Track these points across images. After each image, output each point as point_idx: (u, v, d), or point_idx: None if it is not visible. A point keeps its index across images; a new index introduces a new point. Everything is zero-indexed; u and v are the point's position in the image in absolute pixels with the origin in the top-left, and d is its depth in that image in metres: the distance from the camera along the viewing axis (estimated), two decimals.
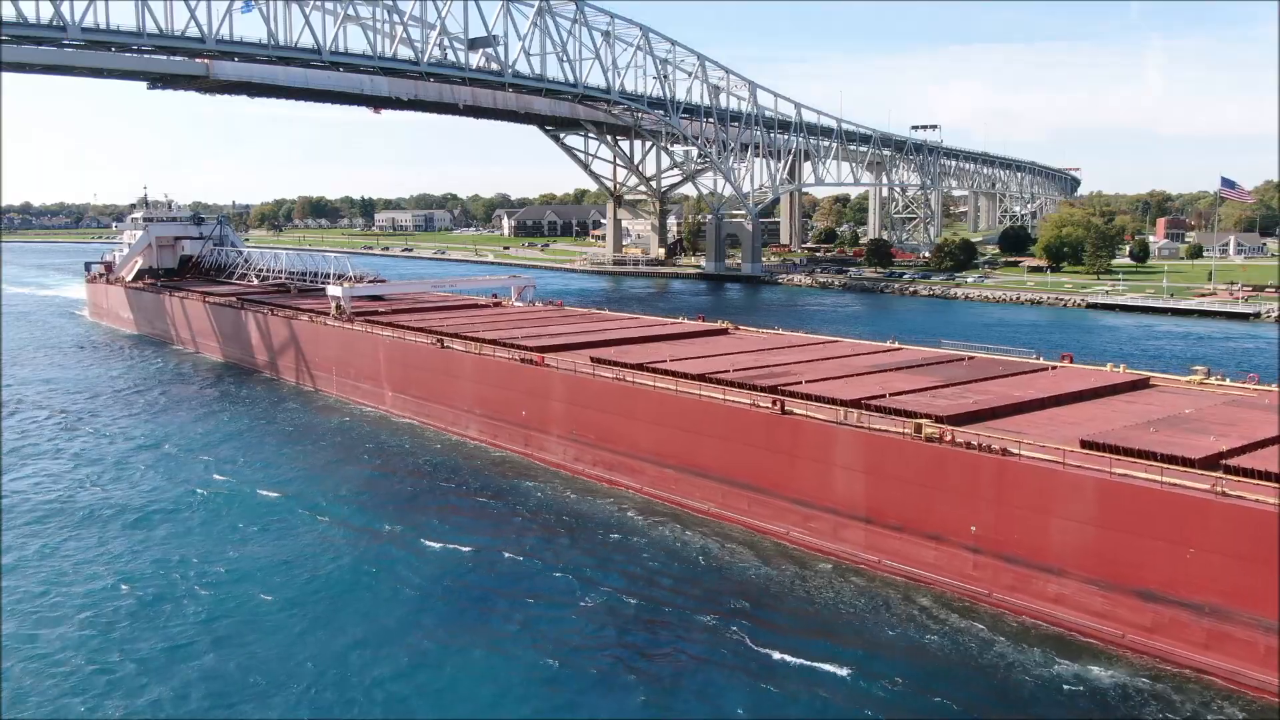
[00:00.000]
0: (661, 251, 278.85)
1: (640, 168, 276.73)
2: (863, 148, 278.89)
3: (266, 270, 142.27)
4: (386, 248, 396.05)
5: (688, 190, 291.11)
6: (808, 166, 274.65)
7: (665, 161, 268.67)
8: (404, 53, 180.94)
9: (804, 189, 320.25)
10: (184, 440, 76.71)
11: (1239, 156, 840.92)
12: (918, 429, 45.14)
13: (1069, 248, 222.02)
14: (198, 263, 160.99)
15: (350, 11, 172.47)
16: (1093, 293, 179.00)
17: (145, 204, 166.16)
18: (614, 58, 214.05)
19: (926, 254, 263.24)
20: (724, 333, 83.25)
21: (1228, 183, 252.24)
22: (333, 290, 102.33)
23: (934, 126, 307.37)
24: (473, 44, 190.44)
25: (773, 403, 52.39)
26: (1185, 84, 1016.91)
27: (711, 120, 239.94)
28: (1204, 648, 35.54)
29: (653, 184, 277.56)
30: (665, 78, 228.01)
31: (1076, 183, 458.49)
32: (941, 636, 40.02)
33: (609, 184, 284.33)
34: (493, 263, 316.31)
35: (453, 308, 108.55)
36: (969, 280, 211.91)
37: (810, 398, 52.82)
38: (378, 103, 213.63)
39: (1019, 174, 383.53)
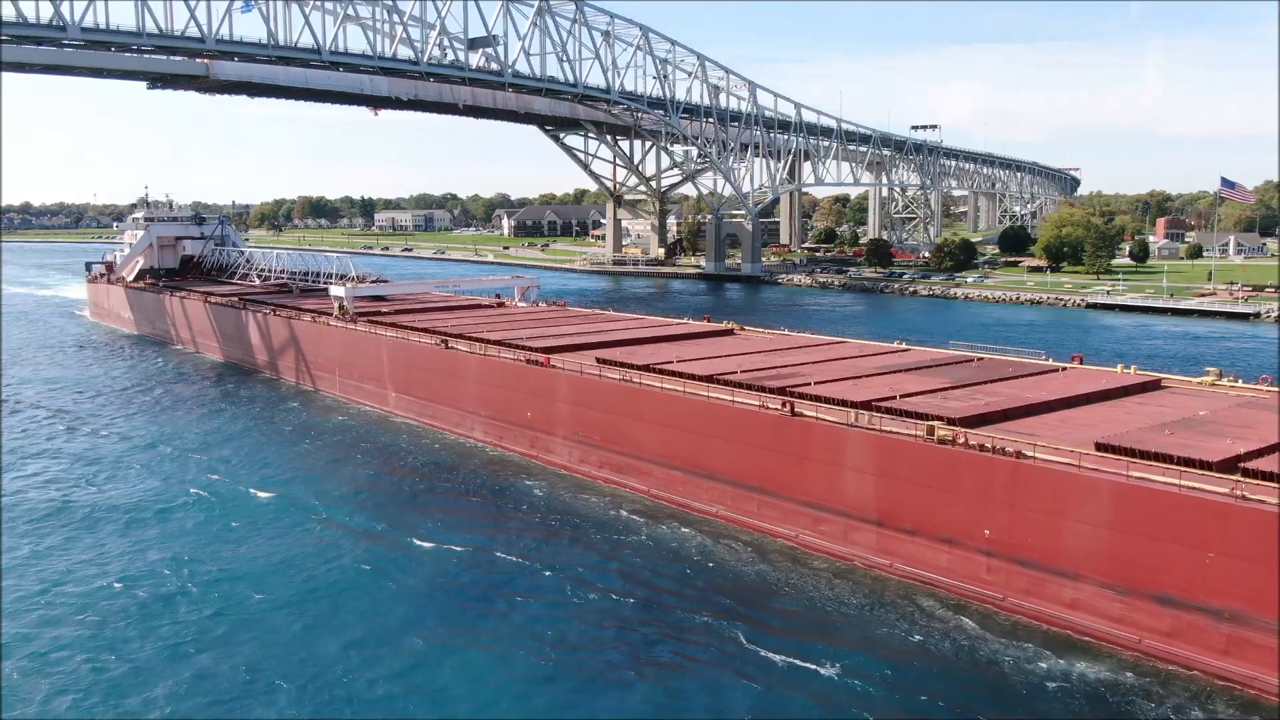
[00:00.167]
0: (661, 251, 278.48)
1: (640, 168, 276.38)
2: (862, 148, 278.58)
3: (268, 270, 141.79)
4: (386, 248, 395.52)
5: (688, 190, 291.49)
6: (807, 166, 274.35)
7: (665, 161, 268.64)
8: (404, 53, 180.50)
9: (804, 189, 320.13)
10: (186, 441, 76.24)
11: (1239, 156, 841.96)
12: (930, 431, 44.81)
13: (1069, 248, 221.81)
14: (199, 263, 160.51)
15: (350, 11, 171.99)
16: (1093, 293, 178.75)
17: (146, 204, 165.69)
18: (614, 58, 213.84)
19: (926, 254, 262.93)
20: (729, 333, 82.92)
21: (1227, 183, 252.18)
22: (335, 290, 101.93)
23: (934, 126, 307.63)
24: (473, 44, 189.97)
25: (782, 404, 52.05)
26: (1185, 84, 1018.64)
27: (711, 120, 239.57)
28: (1223, 653, 35.20)
29: (652, 184, 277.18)
30: (665, 78, 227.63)
31: (1076, 183, 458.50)
32: (955, 641, 39.69)
33: (609, 184, 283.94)
34: (492, 262, 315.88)
35: (456, 308, 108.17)
36: (969, 280, 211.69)
37: (820, 399, 52.46)
38: (377, 103, 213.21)
39: (1019, 174, 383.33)
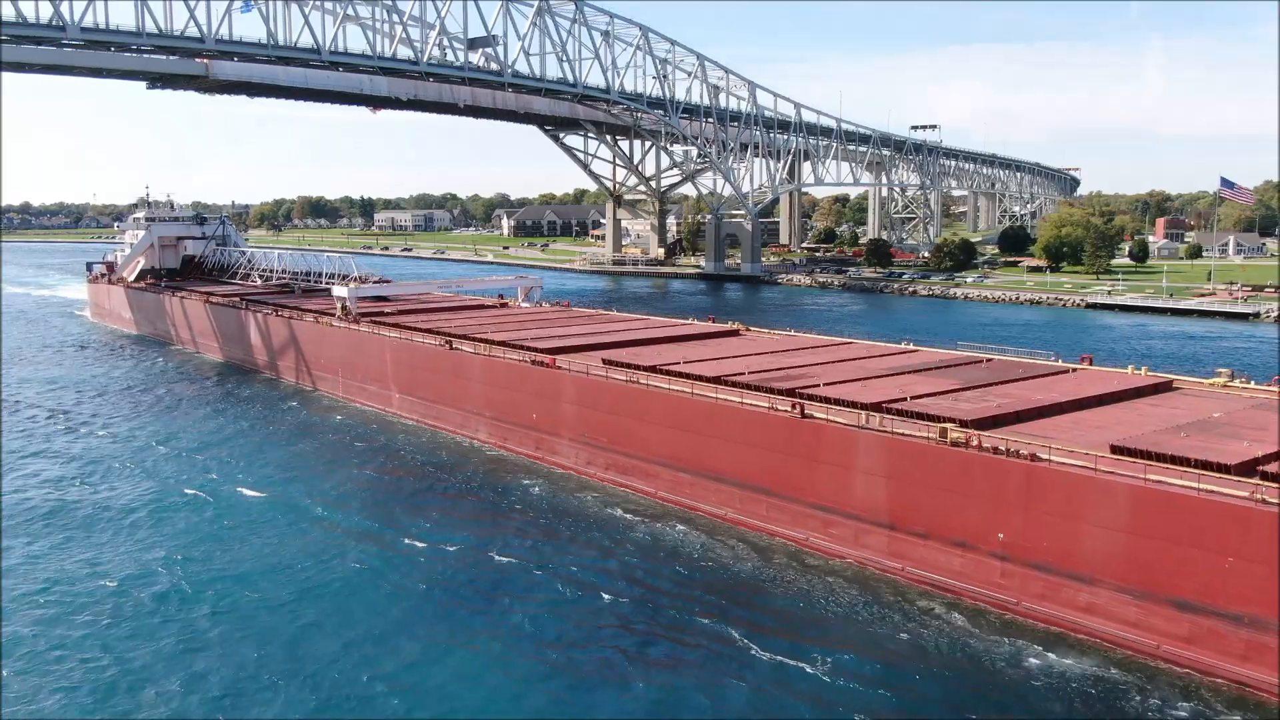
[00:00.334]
0: (661, 251, 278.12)
1: (640, 168, 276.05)
2: (862, 148, 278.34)
3: (270, 270, 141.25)
4: (386, 247, 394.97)
5: (687, 190, 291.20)
6: (807, 166, 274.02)
7: (665, 161, 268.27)
8: (403, 53, 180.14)
9: (803, 189, 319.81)
10: (188, 441, 75.86)
11: (1239, 156, 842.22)
12: (943, 433, 44.44)
13: (1068, 248, 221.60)
14: (200, 263, 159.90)
15: (350, 11, 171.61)
16: (1092, 293, 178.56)
17: (147, 204, 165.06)
18: (613, 57, 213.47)
19: (926, 254, 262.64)
20: (735, 334, 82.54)
21: (1227, 183, 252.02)
22: (338, 291, 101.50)
23: (933, 126, 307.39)
24: (472, 44, 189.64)
25: (792, 406, 51.69)
26: (1185, 84, 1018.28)
27: (711, 120, 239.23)
28: (1243, 659, 34.86)
29: (652, 184, 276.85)
30: (665, 78, 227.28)
31: (1076, 182, 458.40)
32: (969, 645, 39.35)
33: (608, 184, 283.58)
34: (492, 262, 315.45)
35: (459, 308, 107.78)
36: (968, 280, 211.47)
37: (829, 401, 52.08)
38: (377, 102, 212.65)
39: (1018, 174, 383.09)
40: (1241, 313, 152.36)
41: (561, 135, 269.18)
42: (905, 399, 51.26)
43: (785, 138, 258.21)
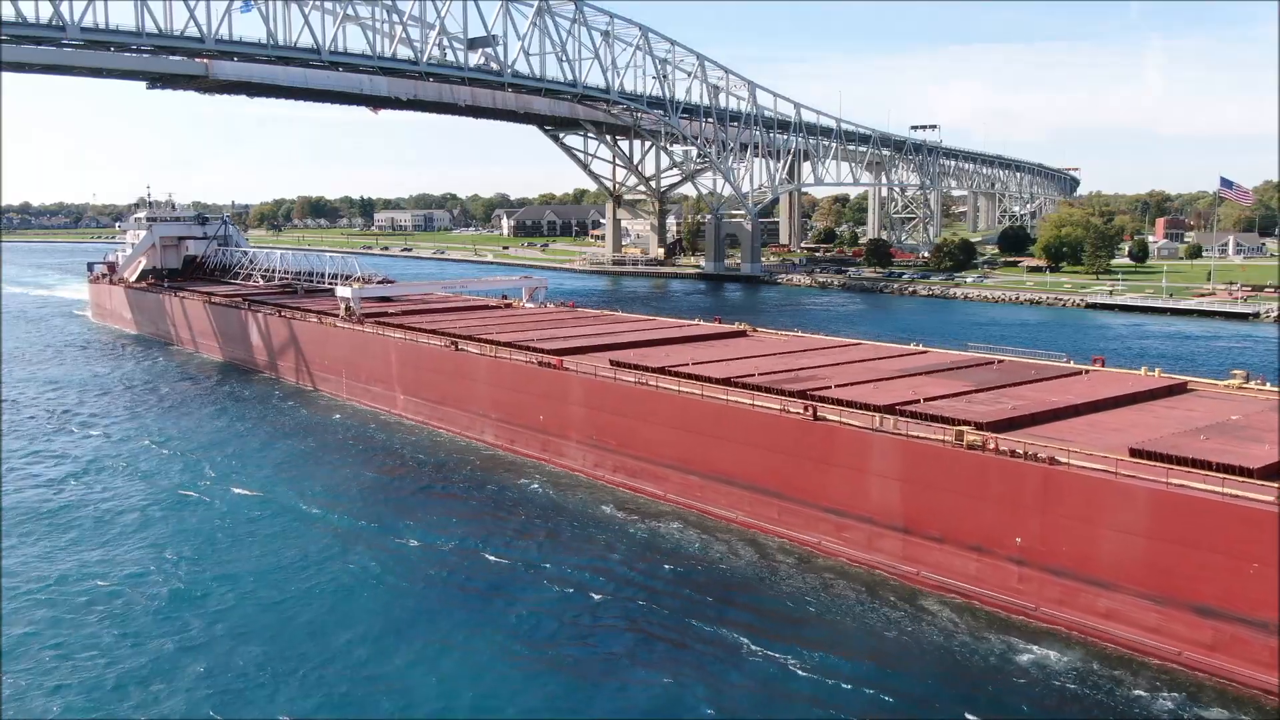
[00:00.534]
0: (661, 251, 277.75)
1: (639, 168, 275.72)
2: (862, 148, 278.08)
3: (272, 270, 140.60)
4: (386, 247, 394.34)
5: (687, 190, 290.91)
6: (807, 166, 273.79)
7: (665, 161, 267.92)
8: (403, 53, 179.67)
9: (803, 189, 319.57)
10: (191, 442, 75.49)
11: (1239, 156, 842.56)
12: (959, 436, 44.06)
13: (1068, 248, 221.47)
14: (202, 263, 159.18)
15: (350, 11, 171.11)
16: (1092, 293, 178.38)
17: (149, 204, 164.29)
18: (613, 58, 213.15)
19: (925, 254, 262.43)
20: (742, 335, 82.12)
21: (1226, 183, 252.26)
22: (342, 291, 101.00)
23: (933, 126, 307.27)
24: (472, 44, 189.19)
25: (804, 408, 51.29)
26: (1185, 84, 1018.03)
27: (711, 120, 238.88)
28: (1267, 666, 34.48)
29: (652, 184, 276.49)
30: (665, 78, 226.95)
31: (1076, 182, 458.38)
32: (985, 651, 38.98)
33: (608, 184, 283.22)
34: (492, 262, 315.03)
35: (464, 309, 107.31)
36: (968, 280, 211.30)
37: (842, 403, 51.67)
38: (377, 102, 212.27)
39: (1018, 174, 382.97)
40: (1241, 313, 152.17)
41: (561, 135, 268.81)
42: (918, 401, 50.89)
43: (785, 138, 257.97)
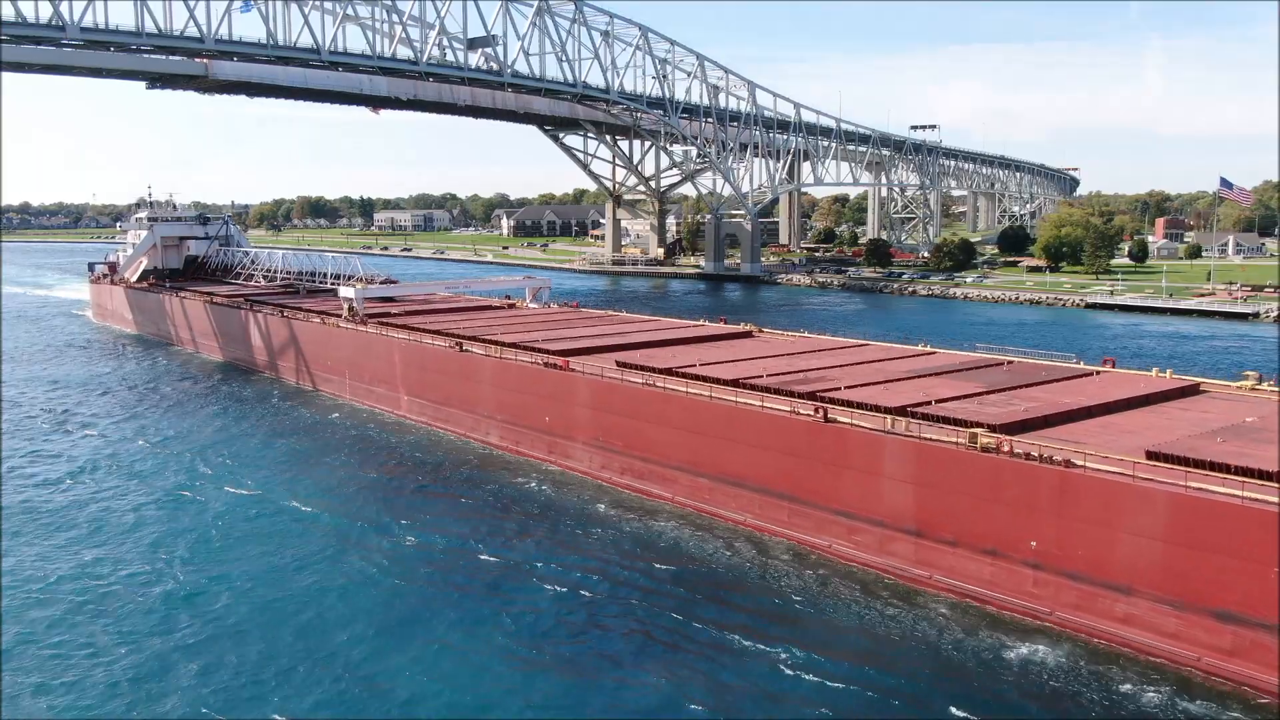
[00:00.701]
0: (660, 251, 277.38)
1: (639, 168, 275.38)
2: (862, 148, 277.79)
3: (273, 271, 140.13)
4: (385, 248, 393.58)
5: (687, 190, 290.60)
6: (807, 166, 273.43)
7: (664, 161, 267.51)
8: (403, 53, 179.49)
9: (803, 189, 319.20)
10: (194, 443, 75.10)
11: (1238, 156, 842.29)
12: (972, 439, 43.74)
13: (1068, 248, 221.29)
14: (204, 263, 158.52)
15: (349, 11, 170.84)
16: (1092, 293, 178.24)
17: (150, 204, 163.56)
18: (613, 58, 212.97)
19: (925, 254, 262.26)
20: (749, 335, 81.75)
21: (1226, 183, 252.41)
22: (345, 292, 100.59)
23: (933, 126, 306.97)
24: (472, 44, 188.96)
25: (814, 410, 50.96)
26: (1185, 84, 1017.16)
27: (710, 120, 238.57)
28: None
29: (652, 184, 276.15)
30: (664, 78, 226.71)
31: (1075, 182, 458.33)
32: (1000, 656, 38.63)
33: (608, 184, 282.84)
34: (491, 262, 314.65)
35: (468, 309, 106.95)
36: (968, 280, 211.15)
37: (852, 405, 51.36)
38: (377, 102, 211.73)
39: (1018, 174, 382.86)
40: (1241, 313, 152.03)
41: (561, 135, 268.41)
42: (929, 403, 50.55)
43: (785, 138, 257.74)
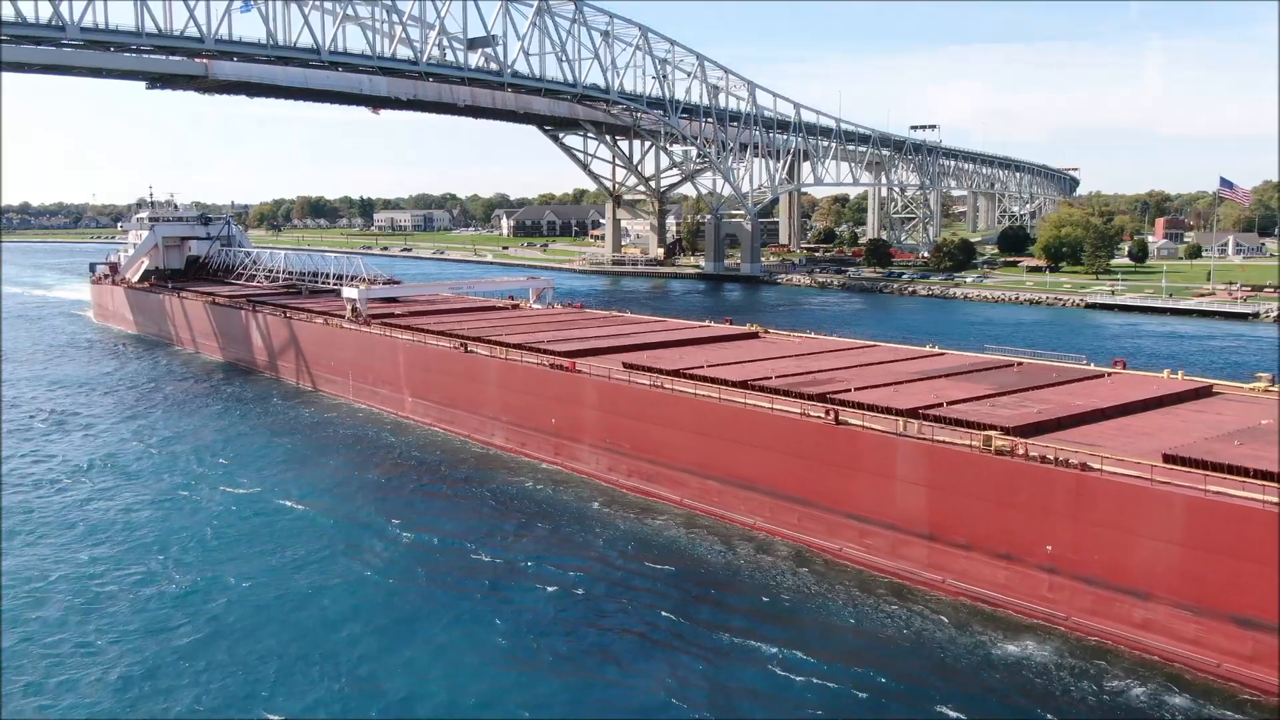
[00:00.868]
0: (660, 251, 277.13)
1: (639, 168, 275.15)
2: (861, 148, 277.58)
3: (275, 271, 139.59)
4: (385, 248, 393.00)
5: (687, 190, 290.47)
6: (806, 166, 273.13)
7: (664, 161, 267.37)
8: (403, 53, 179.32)
9: (803, 189, 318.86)
10: (196, 443, 74.94)
11: (1238, 156, 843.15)
12: (986, 441, 43.39)
13: (1068, 248, 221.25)
14: (205, 263, 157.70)
15: (349, 11, 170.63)
16: (1092, 293, 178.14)
17: (151, 204, 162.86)
18: (613, 58, 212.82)
19: (925, 254, 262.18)
20: (755, 336, 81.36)
21: (1226, 183, 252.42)
22: (348, 292, 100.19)
23: (933, 126, 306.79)
24: (472, 44, 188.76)
25: (825, 412, 50.59)
26: (1185, 84, 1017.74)
27: (710, 120, 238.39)
28: None
29: (652, 184, 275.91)
30: (664, 78, 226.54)
31: (1075, 182, 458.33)
32: (1014, 661, 38.28)
33: (608, 184, 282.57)
34: (491, 262, 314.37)
35: (471, 310, 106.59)
36: (968, 280, 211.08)
37: (863, 406, 50.99)
38: (377, 102, 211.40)
39: (1018, 174, 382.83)
40: (1241, 313, 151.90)
41: (561, 135, 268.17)
42: (941, 405, 50.20)
43: (785, 138, 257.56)
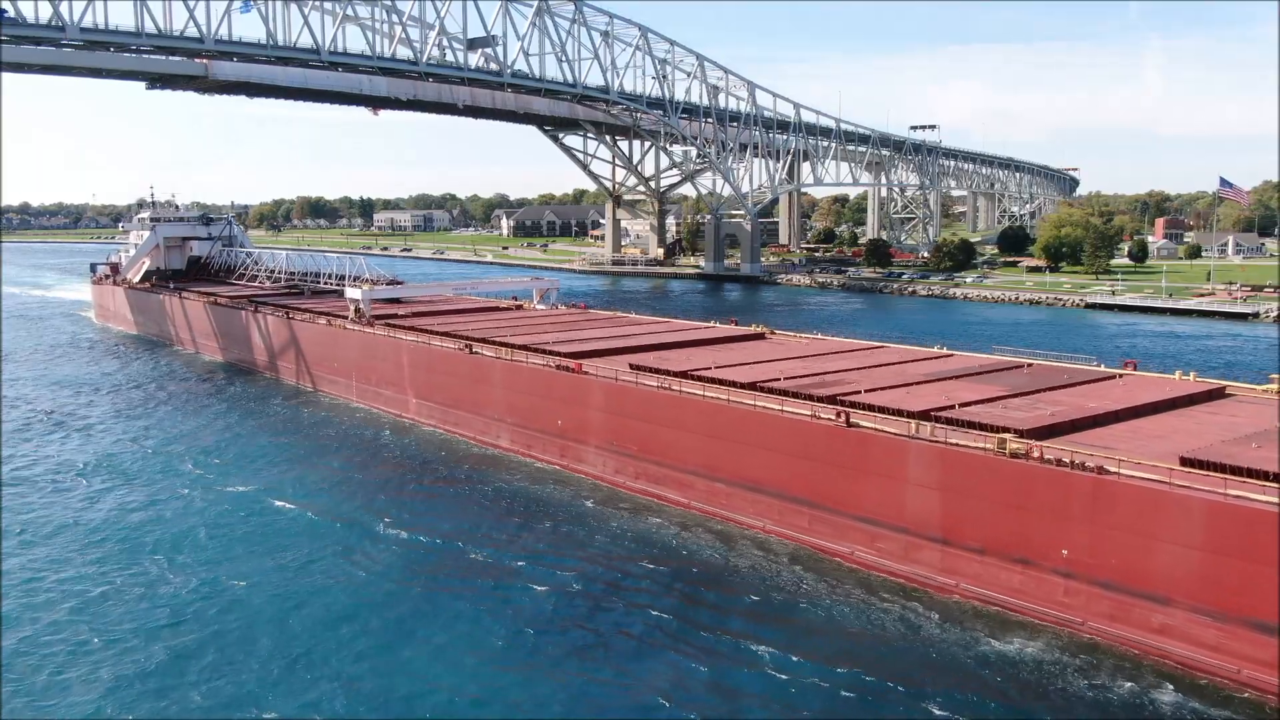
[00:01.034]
0: (660, 252, 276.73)
1: (639, 168, 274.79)
2: (861, 148, 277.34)
3: (277, 271, 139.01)
4: (385, 248, 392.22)
5: (686, 190, 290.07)
6: (806, 167, 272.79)
7: (664, 162, 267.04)
8: (403, 53, 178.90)
9: (803, 189, 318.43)
10: (195, 444, 74.69)
11: (1238, 156, 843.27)
12: (1001, 444, 42.99)
13: (1068, 248, 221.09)
14: (207, 264, 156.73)
15: (349, 11, 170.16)
16: (1092, 293, 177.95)
17: (152, 204, 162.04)
18: (613, 58, 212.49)
19: (925, 254, 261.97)
20: (761, 337, 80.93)
21: (1226, 183, 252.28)
22: (351, 293, 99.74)
23: (933, 127, 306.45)
24: (471, 44, 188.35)
25: (836, 414, 50.19)
26: (1185, 84, 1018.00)
27: (710, 120, 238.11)
28: None
29: (651, 184, 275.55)
30: (664, 78, 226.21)
31: (1075, 183, 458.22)
32: (1028, 666, 37.93)
33: (608, 184, 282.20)
34: (491, 263, 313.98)
35: (475, 310, 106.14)
36: (968, 280, 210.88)
37: (874, 409, 50.62)
38: (376, 103, 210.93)
39: (1018, 174, 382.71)
40: (1241, 313, 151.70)
41: (561, 135, 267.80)
42: (953, 407, 49.83)
43: (784, 138, 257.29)
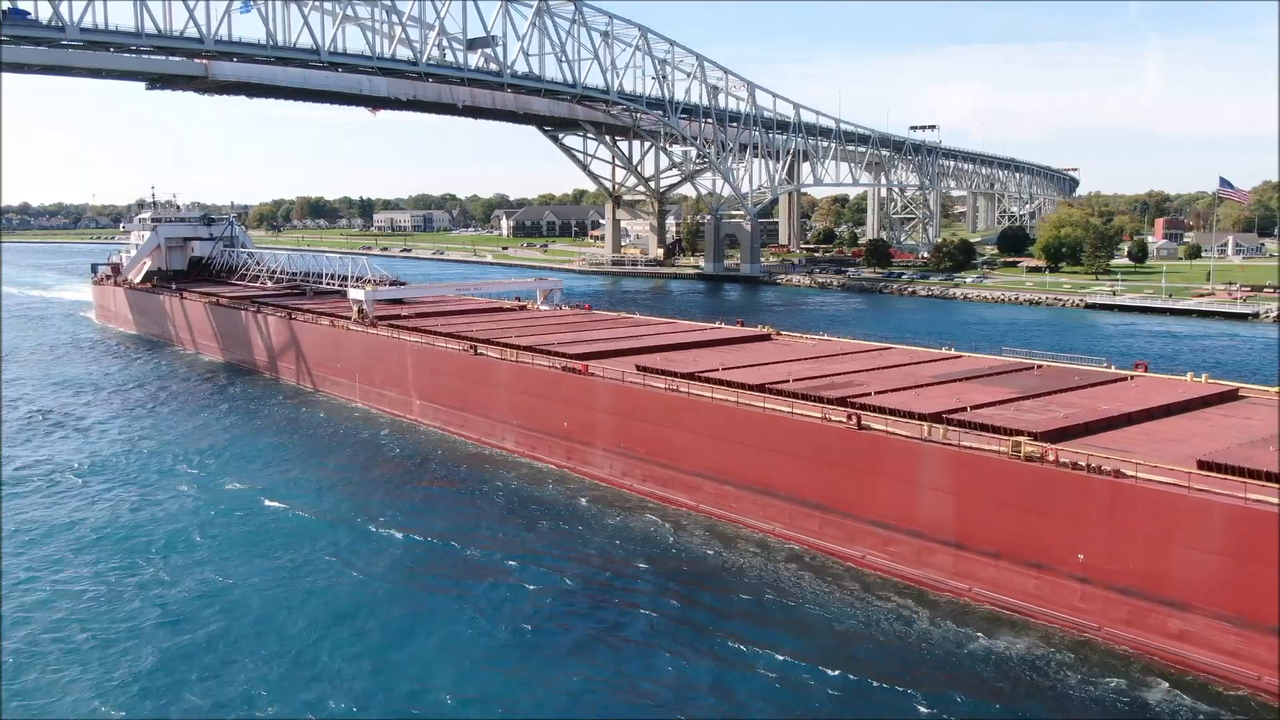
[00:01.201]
0: (660, 252, 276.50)
1: (639, 168, 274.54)
2: (861, 148, 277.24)
3: (279, 272, 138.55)
4: (385, 248, 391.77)
5: (686, 191, 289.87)
6: (806, 167, 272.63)
7: (664, 162, 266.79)
8: (403, 53, 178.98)
9: (803, 189, 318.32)
10: (195, 445, 74.32)
11: (1238, 157, 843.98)
12: (1015, 447, 42.64)
13: (1068, 248, 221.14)
14: (208, 264, 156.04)
15: (349, 12, 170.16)
16: (1092, 293, 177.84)
17: (154, 204, 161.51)
18: (613, 58, 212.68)
19: (925, 254, 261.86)
20: (767, 338, 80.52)
21: (1226, 183, 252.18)
22: (355, 294, 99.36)
23: (933, 127, 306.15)
24: (471, 44, 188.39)
25: (847, 417, 49.82)
26: (1185, 84, 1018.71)
27: (710, 120, 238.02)
28: None
29: (651, 184, 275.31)
30: (664, 78, 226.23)
31: (1075, 183, 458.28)
32: (1044, 672, 37.56)
33: (608, 184, 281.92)
34: (491, 263, 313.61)
35: (479, 311, 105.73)
36: (968, 280, 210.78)
37: (885, 411, 50.28)
38: (376, 103, 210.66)
39: (1017, 174, 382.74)
40: (1241, 313, 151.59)
41: (561, 136, 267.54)
42: (965, 409, 49.47)
43: (784, 138, 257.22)
